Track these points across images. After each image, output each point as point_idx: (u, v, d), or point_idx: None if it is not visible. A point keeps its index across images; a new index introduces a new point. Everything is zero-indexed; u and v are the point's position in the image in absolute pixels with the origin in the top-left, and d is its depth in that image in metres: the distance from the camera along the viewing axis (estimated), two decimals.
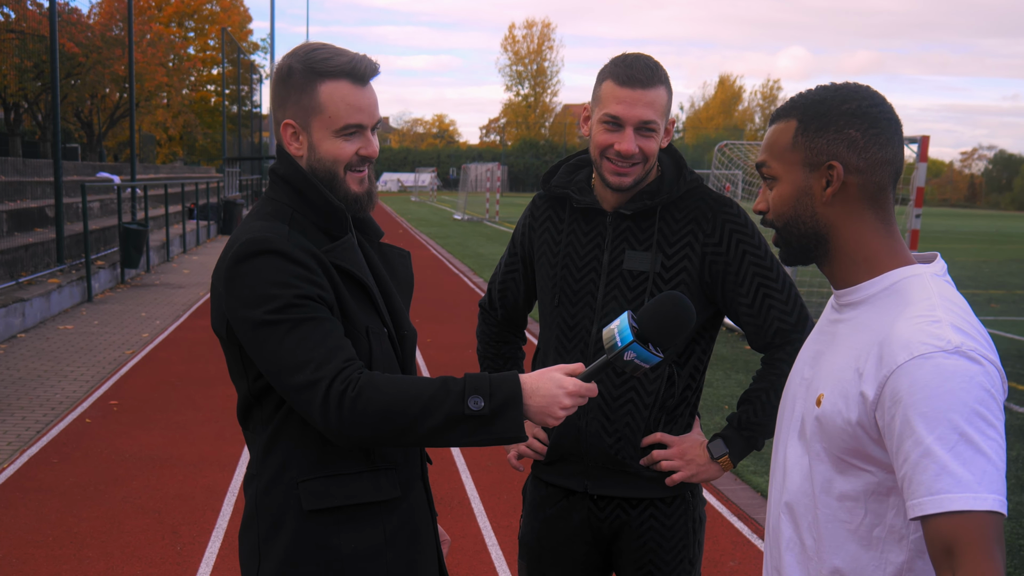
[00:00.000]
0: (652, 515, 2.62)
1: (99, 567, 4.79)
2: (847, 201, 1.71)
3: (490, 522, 5.50)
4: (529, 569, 2.78)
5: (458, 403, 1.89)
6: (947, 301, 1.64)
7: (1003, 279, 21.12)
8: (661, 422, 2.58)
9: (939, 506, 1.48)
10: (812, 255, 1.78)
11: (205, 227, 25.35)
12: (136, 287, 15.42)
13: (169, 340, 10.87)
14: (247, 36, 55.37)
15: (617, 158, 2.47)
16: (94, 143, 40.43)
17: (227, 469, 6.36)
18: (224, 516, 5.52)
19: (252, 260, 1.97)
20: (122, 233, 15.38)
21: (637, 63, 2.45)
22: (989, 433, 1.52)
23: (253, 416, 2.13)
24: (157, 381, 8.83)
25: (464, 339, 11.03)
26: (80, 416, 7.57)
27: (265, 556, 2.09)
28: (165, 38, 42.19)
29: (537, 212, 2.77)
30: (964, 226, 50.50)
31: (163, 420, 7.51)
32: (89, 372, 9.11)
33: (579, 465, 2.63)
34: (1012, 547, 5.31)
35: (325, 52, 2.06)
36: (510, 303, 2.91)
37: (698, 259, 2.54)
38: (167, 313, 12.77)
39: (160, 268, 18.21)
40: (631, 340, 1.94)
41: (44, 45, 26.31)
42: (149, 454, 6.64)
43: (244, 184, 36.12)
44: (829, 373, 1.73)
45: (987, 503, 1.48)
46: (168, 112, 45.68)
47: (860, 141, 1.68)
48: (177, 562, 4.88)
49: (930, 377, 1.53)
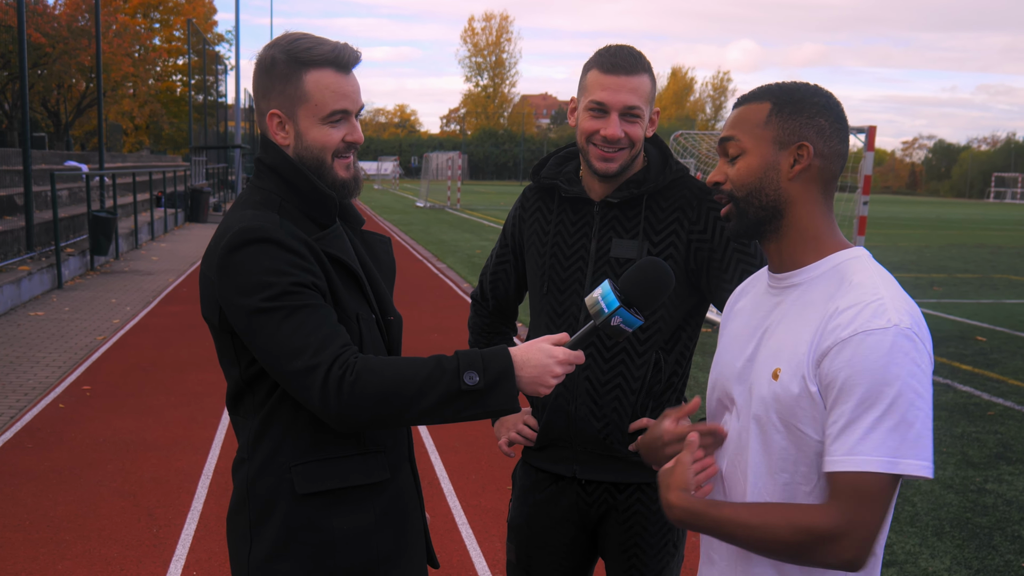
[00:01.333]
0: (639, 499, 2.62)
1: (76, 550, 4.72)
2: (807, 181, 1.80)
3: (460, 502, 5.48)
4: (518, 551, 2.77)
5: (454, 380, 1.88)
6: (886, 281, 1.74)
7: (944, 263, 21.38)
8: (648, 407, 2.57)
9: (855, 465, 1.63)
10: (765, 228, 1.84)
11: (173, 215, 25.06)
12: (105, 274, 15.21)
13: (140, 326, 10.73)
14: (212, 28, 54.68)
15: (603, 143, 2.46)
16: (61, 132, 39.75)
17: (200, 452, 6.29)
18: (199, 498, 5.46)
19: (246, 248, 1.94)
20: (91, 221, 15.16)
21: (621, 52, 2.46)
22: (918, 404, 1.63)
23: (244, 402, 2.10)
24: (129, 366, 8.71)
25: (430, 323, 10.99)
26: (53, 401, 7.45)
27: (256, 539, 2.06)
28: (131, 29, 41.51)
29: (527, 203, 2.76)
30: (906, 213, 51.08)
31: (136, 405, 7.42)
32: (61, 358, 8.97)
33: (568, 450, 2.62)
34: (960, 519, 5.38)
35: (308, 42, 2.04)
36: (501, 294, 2.89)
37: (684, 246, 2.54)
38: (137, 299, 12.61)
39: (129, 255, 17.97)
40: (617, 306, 1.95)
41: (12, 35, 25.78)
42: (123, 438, 6.55)
43: (210, 172, 35.76)
44: (781, 349, 1.78)
45: (898, 467, 1.61)
46: (134, 102, 45.00)
47: (827, 130, 1.79)
48: (154, 544, 4.82)
49: (868, 351, 1.63)
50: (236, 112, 40.29)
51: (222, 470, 5.93)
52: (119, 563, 4.59)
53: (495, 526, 5.09)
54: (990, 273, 19.31)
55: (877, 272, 1.76)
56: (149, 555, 4.69)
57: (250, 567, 2.08)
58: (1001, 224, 39.75)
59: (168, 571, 4.51)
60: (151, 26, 51.49)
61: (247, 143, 41.48)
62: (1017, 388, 8.62)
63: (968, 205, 69.38)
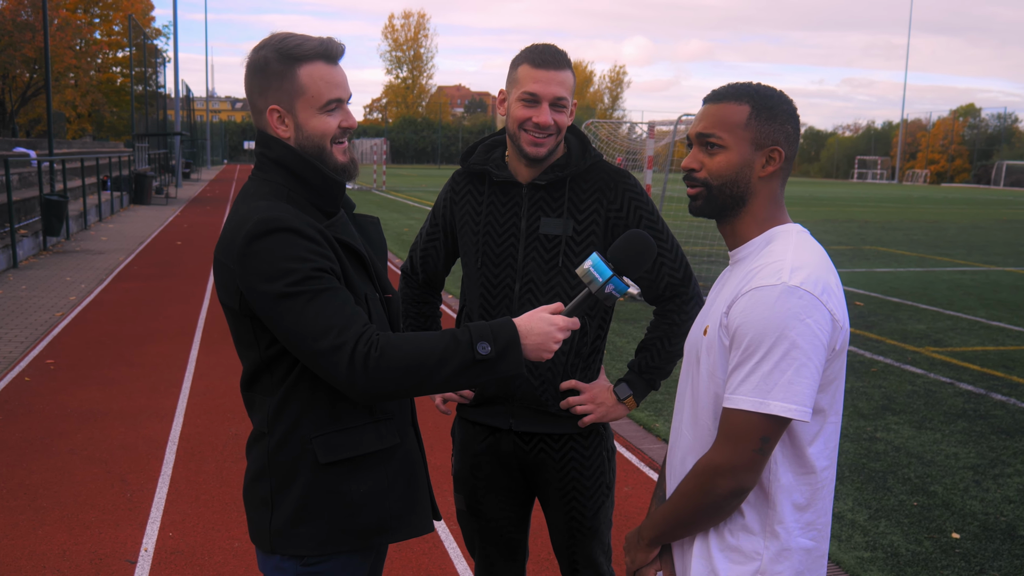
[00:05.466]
0: (572, 447, 2.67)
1: (54, 515, 4.53)
2: (772, 178, 1.87)
3: None
4: (467, 500, 2.79)
5: (468, 351, 1.89)
6: (799, 248, 1.80)
7: (820, 237, 21.63)
8: (578, 368, 2.63)
9: (732, 403, 1.74)
10: (728, 213, 1.89)
11: (119, 197, 24.26)
12: (58, 253, 14.65)
13: (95, 302, 10.36)
14: (149, 23, 52.91)
15: (535, 129, 2.51)
16: (7, 120, 38.25)
17: (165, 420, 6.09)
18: (168, 463, 5.28)
19: (268, 237, 1.89)
20: (44, 204, 14.62)
21: (549, 49, 2.52)
22: (792, 354, 1.68)
23: (261, 381, 2.05)
24: (89, 340, 8.40)
25: None
26: (19, 375, 7.14)
27: (278, 505, 2.03)
28: (72, 24, 40.06)
29: (457, 187, 2.77)
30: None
31: (99, 376, 7.15)
32: (23, 333, 8.60)
33: (505, 406, 2.66)
34: (857, 465, 5.49)
35: (295, 39, 2.00)
36: (431, 268, 2.90)
37: (603, 223, 2.60)
38: (91, 277, 12.16)
39: (79, 236, 17.33)
40: (611, 275, 2.00)
41: None
42: (89, 408, 6.31)
43: (152, 158, 34.89)
44: (715, 311, 1.88)
45: (766, 407, 1.69)
46: (76, 91, 43.53)
47: (792, 136, 1.86)
48: (129, 508, 4.64)
49: (756, 304, 1.72)
50: (176, 102, 39.31)
51: (187, 436, 5.75)
52: (97, 527, 4.42)
53: (447, 482, 5.03)
54: (860, 245, 19.80)
55: (794, 241, 1.83)
56: (125, 518, 4.52)
57: (271, 531, 2.04)
58: (865, 202, 40.79)
59: (145, 532, 4.35)
60: (91, 21, 49.57)
61: (186, 130, 40.46)
62: (894, 347, 8.84)
63: (836, 185, 71.04)
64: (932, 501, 4.95)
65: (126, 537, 4.31)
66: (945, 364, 8.16)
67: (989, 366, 8.12)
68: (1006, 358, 8.47)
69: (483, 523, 2.78)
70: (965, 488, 5.15)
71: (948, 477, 5.31)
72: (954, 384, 7.45)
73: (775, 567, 1.80)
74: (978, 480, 5.28)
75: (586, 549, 2.73)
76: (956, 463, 5.56)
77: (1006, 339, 9.39)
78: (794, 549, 1.80)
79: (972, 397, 7.08)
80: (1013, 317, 10.70)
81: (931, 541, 4.44)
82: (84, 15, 47.37)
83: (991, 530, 4.59)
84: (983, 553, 4.33)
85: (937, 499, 4.98)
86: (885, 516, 4.72)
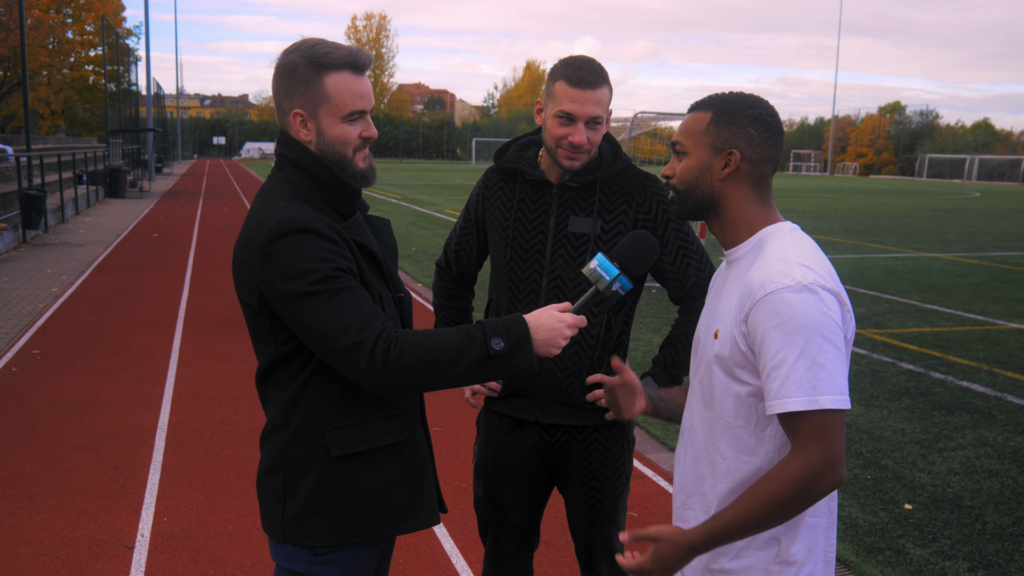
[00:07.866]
0: (596, 439, 2.62)
1: (50, 503, 4.40)
2: (737, 181, 1.83)
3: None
4: (486, 488, 2.74)
5: (483, 346, 1.86)
6: (797, 246, 1.76)
7: None
8: (603, 362, 2.57)
9: (783, 407, 1.65)
10: (704, 215, 1.88)
11: (94, 191, 23.74)
12: (38, 246, 14.28)
13: (77, 293, 10.11)
14: (121, 23, 51.78)
15: (570, 148, 2.46)
16: None
17: (153, 408, 5.95)
18: (158, 450, 5.16)
19: (288, 237, 1.84)
20: (23, 198, 14.27)
21: (585, 67, 2.43)
22: (825, 348, 1.65)
23: (276, 376, 1.99)
24: (73, 330, 8.19)
25: None
26: (6, 366, 6.94)
27: (291, 497, 1.98)
28: (45, 23, 39.08)
29: (490, 183, 2.72)
30: None
31: (85, 366, 6.98)
32: (7, 325, 8.37)
33: (531, 399, 2.60)
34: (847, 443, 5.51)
35: (325, 47, 1.93)
36: (464, 262, 2.84)
37: (631, 224, 2.55)
38: (71, 269, 11.88)
39: (57, 229, 16.94)
40: (617, 273, 1.97)
41: None
42: (78, 397, 6.15)
43: (126, 153, 34.27)
44: (722, 315, 1.83)
45: (818, 403, 1.63)
46: (50, 89, 42.48)
47: (756, 139, 1.81)
48: (123, 494, 4.53)
49: (779, 307, 1.67)
50: (148, 99, 38.60)
51: (175, 423, 5.63)
52: (93, 513, 4.30)
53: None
54: None
55: (790, 240, 1.79)
56: (120, 505, 4.40)
57: (284, 522, 1.98)
58: (801, 192, 41.25)
59: (140, 518, 4.24)
60: (64, 20, 48.40)
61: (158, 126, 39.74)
62: None
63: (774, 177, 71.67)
64: (884, 474, 4.99)
65: (122, 523, 4.20)
66: (886, 345, 8.26)
67: (927, 346, 8.23)
68: (941, 339, 8.59)
69: (499, 512, 2.73)
70: (913, 461, 5.21)
71: (897, 451, 5.37)
72: (896, 364, 7.54)
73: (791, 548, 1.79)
74: (924, 454, 5.34)
75: (603, 535, 2.69)
76: (903, 438, 5.62)
77: (940, 321, 9.53)
78: (803, 526, 1.80)
79: (913, 376, 7.17)
80: (945, 300, 10.87)
81: (886, 512, 4.48)
82: (56, 15, 46.25)
83: (940, 501, 4.64)
84: (934, 522, 4.37)
85: (888, 472, 5.02)
86: (842, 489, 4.75)
